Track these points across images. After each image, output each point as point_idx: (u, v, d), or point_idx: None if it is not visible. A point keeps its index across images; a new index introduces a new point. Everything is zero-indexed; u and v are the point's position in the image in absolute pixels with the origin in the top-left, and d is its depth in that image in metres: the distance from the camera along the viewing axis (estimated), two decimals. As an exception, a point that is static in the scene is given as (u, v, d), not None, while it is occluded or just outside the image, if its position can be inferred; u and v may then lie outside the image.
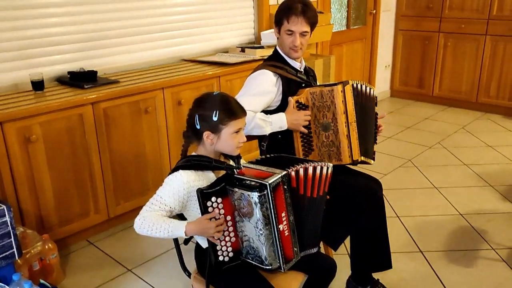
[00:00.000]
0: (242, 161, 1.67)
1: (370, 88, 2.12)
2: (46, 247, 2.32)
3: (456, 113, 5.19)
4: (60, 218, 2.59)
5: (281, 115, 2.07)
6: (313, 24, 2.12)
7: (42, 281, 2.09)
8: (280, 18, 2.10)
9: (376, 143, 2.24)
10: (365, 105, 2.11)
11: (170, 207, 1.54)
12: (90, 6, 2.98)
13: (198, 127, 1.58)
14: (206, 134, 1.57)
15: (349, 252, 2.26)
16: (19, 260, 2.12)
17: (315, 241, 1.70)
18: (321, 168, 1.62)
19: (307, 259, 1.65)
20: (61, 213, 2.59)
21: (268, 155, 1.85)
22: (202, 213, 1.50)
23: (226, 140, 1.57)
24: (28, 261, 2.22)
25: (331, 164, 1.66)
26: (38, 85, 2.64)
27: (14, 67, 2.72)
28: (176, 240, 1.74)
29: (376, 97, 2.19)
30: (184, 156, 1.64)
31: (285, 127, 2.07)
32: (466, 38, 5.10)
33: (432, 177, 3.58)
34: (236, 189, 1.49)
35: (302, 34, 2.09)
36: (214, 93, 1.61)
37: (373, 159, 2.21)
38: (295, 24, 2.06)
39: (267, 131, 2.05)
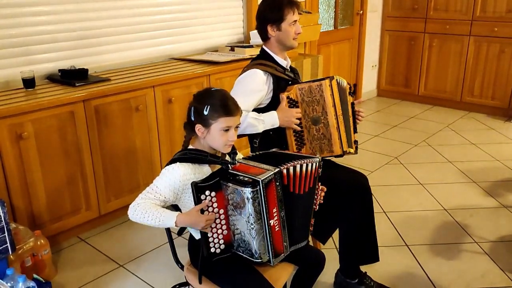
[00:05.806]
0: (238, 157, 1.71)
1: (343, 81, 2.17)
2: (38, 243, 2.33)
3: (441, 112, 5.29)
4: (51, 215, 2.61)
5: (273, 113, 2.11)
6: None
7: (35, 276, 2.11)
8: (281, 15, 2.13)
9: (356, 132, 2.27)
10: (342, 98, 2.16)
11: (164, 197, 1.59)
12: (80, 5, 3.00)
13: (192, 119, 1.63)
14: (197, 127, 1.62)
15: (338, 246, 2.31)
16: (11, 256, 2.13)
17: (305, 235, 1.74)
18: (311, 164, 1.65)
19: (297, 251, 1.69)
20: (53, 209, 2.61)
21: (260, 152, 1.87)
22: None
23: (215, 136, 1.60)
24: (21, 257, 2.23)
25: (317, 158, 1.70)
26: (29, 83, 2.65)
27: (5, 65, 2.72)
28: (169, 233, 1.78)
29: (350, 87, 2.21)
30: (185, 148, 1.69)
31: (277, 125, 2.11)
32: (451, 39, 5.20)
33: (417, 173, 3.66)
34: (230, 184, 1.53)
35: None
36: (212, 89, 1.66)
37: (356, 149, 2.25)
38: (296, 13, 2.16)
39: (259, 129, 2.10)
